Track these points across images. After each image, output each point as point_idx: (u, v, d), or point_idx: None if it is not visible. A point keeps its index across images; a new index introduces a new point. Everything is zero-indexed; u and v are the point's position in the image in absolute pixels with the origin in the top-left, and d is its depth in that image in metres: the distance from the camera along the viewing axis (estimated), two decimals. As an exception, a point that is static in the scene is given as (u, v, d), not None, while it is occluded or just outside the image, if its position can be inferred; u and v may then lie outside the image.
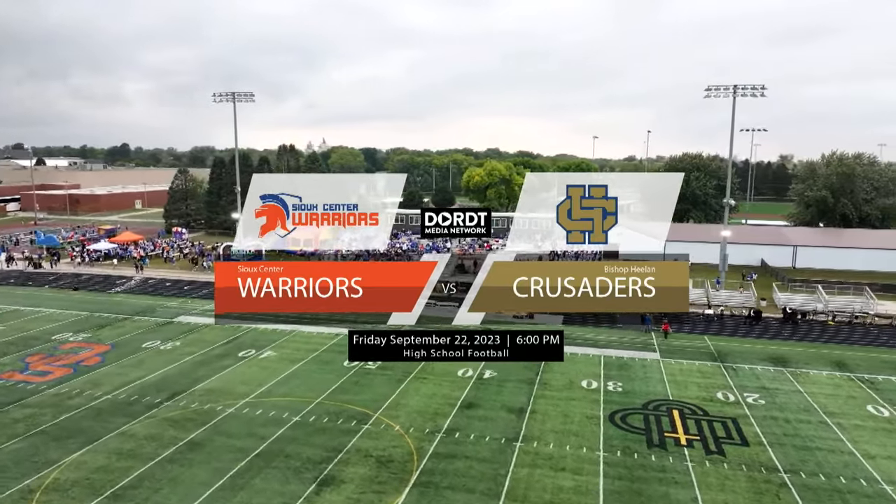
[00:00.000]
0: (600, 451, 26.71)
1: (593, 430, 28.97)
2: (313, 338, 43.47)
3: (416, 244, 65.69)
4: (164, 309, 51.34)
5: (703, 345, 43.13)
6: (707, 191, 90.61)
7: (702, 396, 33.33)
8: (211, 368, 36.73)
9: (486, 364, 37.91)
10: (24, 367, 36.68)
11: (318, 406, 31.28)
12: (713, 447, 27.20)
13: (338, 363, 38.03)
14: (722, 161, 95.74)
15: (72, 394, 32.49)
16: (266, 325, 46.17)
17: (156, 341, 42.10)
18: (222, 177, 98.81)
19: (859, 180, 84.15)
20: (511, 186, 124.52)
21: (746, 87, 55.74)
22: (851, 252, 70.43)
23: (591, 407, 31.68)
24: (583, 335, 45.15)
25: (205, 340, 42.54)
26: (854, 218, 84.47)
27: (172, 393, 32.77)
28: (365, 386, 34.19)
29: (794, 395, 33.71)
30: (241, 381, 34.62)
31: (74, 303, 53.18)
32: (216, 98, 69.33)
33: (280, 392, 33.10)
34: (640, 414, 30.90)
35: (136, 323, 47.01)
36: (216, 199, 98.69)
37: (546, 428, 29.06)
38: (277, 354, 39.64)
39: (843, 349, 42.29)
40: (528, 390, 33.85)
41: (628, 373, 37.07)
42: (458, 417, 30.06)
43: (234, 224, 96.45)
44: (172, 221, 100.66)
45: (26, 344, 41.09)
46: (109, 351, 39.86)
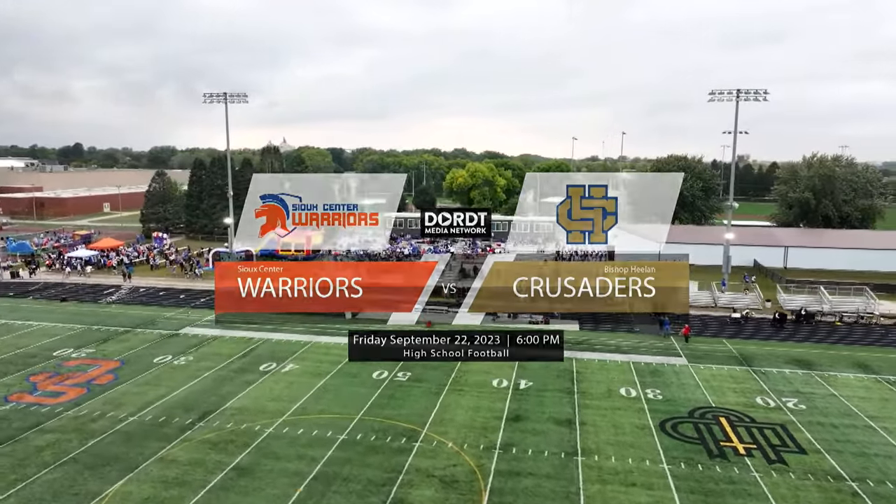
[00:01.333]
0: (663, 464, 26.29)
1: (648, 440, 28.56)
2: (332, 349, 42.07)
3: (417, 248, 64.57)
4: (165, 320, 49.05)
5: (725, 348, 43.34)
6: (695, 192, 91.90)
7: (743, 402, 33.32)
8: (235, 384, 35.03)
9: (520, 374, 37.34)
10: (31, 387, 34.32)
11: (361, 423, 30.05)
12: (773, 456, 27.07)
13: (365, 376, 36.79)
14: (705, 163, 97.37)
15: (93, 416, 30.46)
16: (279, 336, 44.59)
17: (166, 356, 40.06)
18: (203, 179, 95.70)
19: (839, 182, 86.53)
20: (494, 188, 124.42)
21: (749, 91, 56.49)
22: (839, 252, 72.26)
23: (639, 416, 31.30)
24: (604, 341, 44.97)
25: (219, 354, 40.69)
26: (835, 218, 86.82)
27: (202, 412, 31.05)
28: (402, 400, 33.08)
29: (830, 398, 34.01)
30: (272, 398, 33.08)
31: (67, 315, 50.37)
32: (207, 99, 66.85)
33: (316, 409, 31.72)
34: (689, 422, 30.64)
35: (139, 336, 44.73)
36: (197, 202, 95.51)
37: (601, 440, 28.51)
38: (300, 368, 38.14)
39: (860, 350, 43.08)
40: (569, 400, 33.29)
41: (662, 379, 36.88)
42: (508, 432, 29.26)
43: (216, 228, 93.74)
44: (150, 226, 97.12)
45: (26, 362, 38.55)
46: (120, 367, 37.70)
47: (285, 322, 48.88)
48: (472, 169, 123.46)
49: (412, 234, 67.87)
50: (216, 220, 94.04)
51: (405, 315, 50.40)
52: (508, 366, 38.92)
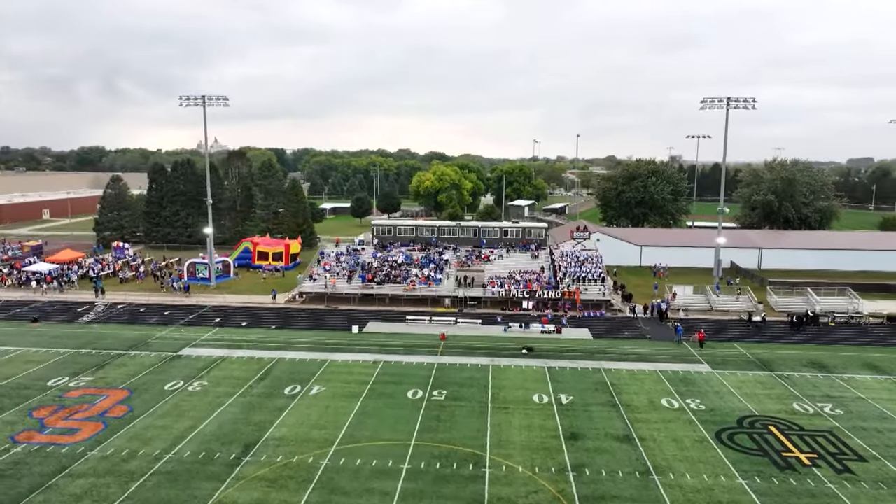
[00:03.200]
0: (739, 479, 26.22)
1: (713, 454, 28.50)
2: (353, 367, 40.25)
3: (409, 257, 62.95)
4: (158, 341, 45.78)
5: (739, 353, 44.21)
6: (664, 195, 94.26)
7: (782, 409, 33.90)
8: (266, 412, 32.85)
9: (556, 388, 36.82)
10: (38, 424, 31.05)
11: (418, 449, 28.67)
12: (838, 465, 27.50)
13: (400, 395, 35.35)
14: (673, 166, 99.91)
15: (122, 455, 27.77)
16: (290, 355, 42.38)
17: (176, 382, 37.25)
18: (164, 185, 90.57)
19: (799, 185, 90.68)
20: (461, 191, 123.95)
21: (738, 99, 58.11)
22: (810, 253, 75.66)
23: (692, 429, 31.27)
24: (624, 350, 44.98)
25: (234, 377, 38.17)
26: (795, 219, 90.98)
27: (244, 445, 28.87)
28: (449, 421, 31.84)
29: (859, 402, 35.08)
30: (313, 426, 31.16)
31: (45, 338, 46.27)
32: (183, 102, 63.00)
33: (364, 436, 30.07)
34: (742, 433, 30.84)
35: (136, 360, 41.51)
36: (158, 209, 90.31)
37: (668, 456, 28.24)
38: (328, 390, 36.22)
39: (864, 351, 44.85)
40: (617, 415, 32.95)
41: (696, 388, 37.15)
42: (573, 451, 28.56)
43: (180, 237, 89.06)
44: (105, 234, 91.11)
45: (20, 395, 34.96)
46: (130, 397, 34.73)
47: (291, 339, 46.63)
48: (439, 172, 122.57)
49: (402, 242, 66.19)
50: (180, 229, 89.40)
51: (412, 327, 49.38)
52: (541, 379, 38.38)
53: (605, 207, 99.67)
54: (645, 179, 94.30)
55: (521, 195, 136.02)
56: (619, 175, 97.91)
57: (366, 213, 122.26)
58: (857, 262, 73.82)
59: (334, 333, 48.47)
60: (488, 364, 41.19)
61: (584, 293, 56.75)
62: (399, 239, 67.03)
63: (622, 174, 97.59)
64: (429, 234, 67.03)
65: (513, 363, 41.39)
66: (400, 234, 67.34)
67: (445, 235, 66.86)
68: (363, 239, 70.38)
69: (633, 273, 72.23)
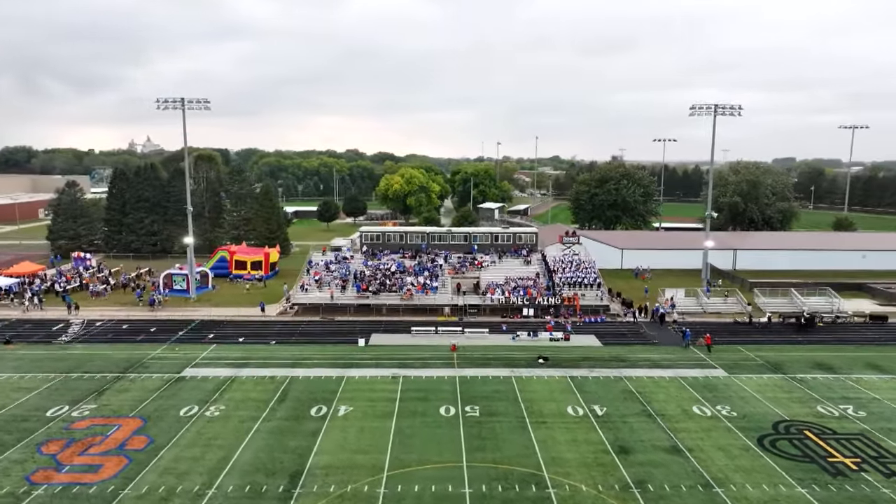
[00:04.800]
0: (797, 487, 26.56)
1: (763, 462, 28.81)
2: (373, 384, 38.88)
3: (401, 264, 61.64)
4: (155, 362, 43.03)
5: (746, 356, 45.23)
6: (636, 198, 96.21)
7: (809, 413, 34.76)
8: (300, 436, 31.18)
9: (585, 398, 36.63)
10: (52, 462, 28.40)
11: (473, 471, 27.77)
12: (884, 469, 28.27)
13: (432, 413, 34.33)
14: (644, 170, 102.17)
15: (160, 493, 25.67)
16: (302, 372, 40.62)
17: (191, 406, 34.99)
18: (126, 191, 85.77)
19: (762, 187, 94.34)
20: (429, 194, 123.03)
21: (725, 106, 59.73)
22: (781, 253, 78.72)
23: (733, 436, 31.57)
24: (638, 356, 45.25)
25: (251, 399, 36.17)
26: (759, 220, 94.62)
27: (289, 475, 27.25)
28: (493, 439, 31.06)
29: (876, 403, 36.37)
30: (355, 450, 29.76)
31: (25, 362, 42.74)
32: (161, 105, 59.54)
33: (412, 459, 28.92)
34: (783, 439, 31.37)
35: (137, 383, 38.81)
36: (119, 216, 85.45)
37: (721, 466, 28.36)
38: (357, 409, 34.76)
39: (862, 351, 46.65)
40: (655, 424, 32.97)
41: (720, 393, 37.66)
42: (628, 467, 28.29)
43: (144, 245, 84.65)
44: (60, 243, 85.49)
45: (21, 428, 31.99)
46: (146, 426, 32.32)
47: (297, 355, 44.75)
48: (407, 175, 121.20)
49: (391, 249, 64.77)
50: (144, 237, 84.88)
51: (418, 339, 48.24)
52: (568, 390, 38.11)
53: (578, 210, 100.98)
54: (617, 182, 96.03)
55: (487, 198, 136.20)
56: (591, 178, 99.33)
57: (333, 217, 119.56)
58: (824, 261, 77.25)
59: (341, 347, 46.81)
60: (509, 375, 40.62)
61: (582, 299, 56.99)
62: (388, 246, 65.61)
63: (595, 177, 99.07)
64: (418, 240, 65.89)
65: (534, 374, 40.97)
66: (389, 241, 65.91)
67: (436, 242, 65.89)
68: (347, 245, 68.58)
69: (615, 276, 73.09)
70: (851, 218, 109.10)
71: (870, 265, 77.13)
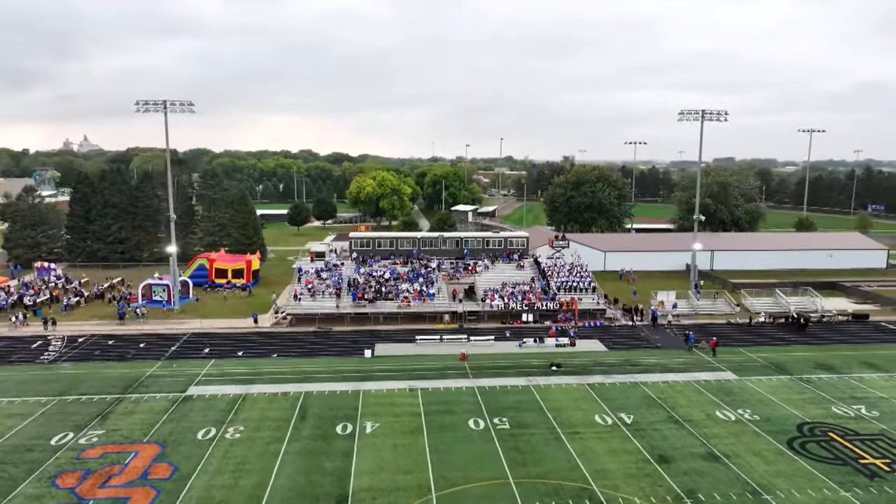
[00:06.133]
0: (841, 491, 27.10)
1: (799, 466, 29.33)
2: (393, 398, 37.88)
3: (395, 271, 60.50)
4: (154, 380, 40.80)
5: (749, 358, 46.28)
6: (611, 200, 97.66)
7: (826, 414, 35.74)
8: (333, 457, 29.98)
9: (608, 406, 36.69)
10: (72, 496, 26.37)
11: (522, 488, 27.27)
12: (913, 468, 29.28)
13: (462, 427, 33.67)
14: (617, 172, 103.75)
15: (201, 527, 24.19)
16: (315, 387, 39.30)
17: (208, 428, 33.22)
18: (91, 196, 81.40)
19: (731, 189, 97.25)
20: (401, 197, 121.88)
21: (712, 112, 61.12)
22: (755, 254, 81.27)
23: (763, 441, 32.07)
24: (647, 361, 45.64)
25: (270, 419, 34.63)
26: (728, 221, 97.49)
27: (335, 501, 26.11)
28: (531, 453, 30.63)
29: (885, 402, 37.67)
30: (395, 470, 28.81)
31: (10, 384, 39.76)
32: (140, 107, 56.58)
33: (457, 477, 28.17)
34: (811, 441, 32.08)
35: (141, 405, 36.65)
36: (84, 223, 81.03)
37: (762, 472, 28.72)
38: (384, 426, 33.73)
39: (856, 349, 48.36)
40: (685, 431, 33.22)
41: (737, 397, 38.33)
42: (673, 476, 28.32)
43: (111, 254, 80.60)
44: (17, 252, 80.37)
45: (27, 459, 29.65)
46: (165, 452, 30.46)
47: (305, 369, 43.27)
48: (379, 177, 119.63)
49: (381, 255, 63.51)
50: (112, 245, 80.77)
51: (424, 348, 47.35)
52: (589, 398, 38.07)
53: (554, 212, 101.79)
54: (593, 185, 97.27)
55: (458, 200, 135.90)
56: (567, 181, 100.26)
57: (304, 220, 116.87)
58: (794, 260, 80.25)
59: (347, 360, 45.54)
60: (527, 384, 40.30)
61: (579, 303, 57.25)
62: (378, 252, 64.37)
63: (571, 180, 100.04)
64: (409, 246, 64.91)
65: (551, 382, 40.76)
66: (379, 247, 64.67)
67: (426, 247, 65.05)
68: (327, 250, 67.08)
69: (600, 278, 73.43)
70: (811, 218, 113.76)
71: (836, 264, 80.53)
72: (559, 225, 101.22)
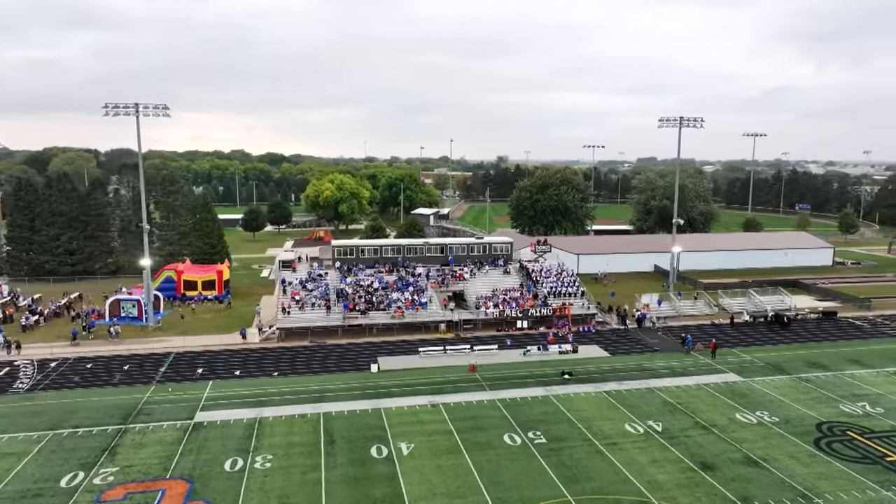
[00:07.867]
0: (882, 491, 28.21)
1: (836, 467, 30.34)
2: (418, 415, 36.77)
3: (382, 280, 58.93)
4: (155, 407, 37.93)
5: (746, 359, 47.84)
6: (575, 203, 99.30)
7: (837, 412, 37.33)
8: (378, 483, 28.67)
9: (632, 413, 36.99)
10: (108, 546, 23.98)
11: (584, 505, 26.99)
12: (936, 464, 30.95)
13: (498, 443, 33.07)
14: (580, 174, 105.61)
15: (266, 572, 22.46)
16: (331, 407, 37.67)
17: (233, 458, 31.11)
18: (35, 204, 75.16)
19: (687, 190, 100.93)
20: (360, 201, 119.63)
21: (689, 119, 63.03)
22: (715, 254, 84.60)
23: (791, 442, 33.07)
24: (652, 365, 46.34)
25: (295, 444, 32.81)
26: (685, 222, 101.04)
27: (399, 533, 24.93)
28: (577, 467, 30.38)
29: (884, 398, 39.74)
30: (446, 493, 27.85)
31: (-11, 418, 36.00)
32: (110, 110, 52.50)
33: (513, 497, 27.55)
34: (835, 441, 33.36)
35: (148, 435, 33.93)
36: (28, 233, 74.73)
37: (803, 475, 29.60)
38: (420, 446, 32.61)
39: (838, 347, 50.90)
40: (715, 437, 33.86)
41: (750, 399, 39.49)
42: (724, 484, 28.74)
43: (61, 266, 74.93)
44: (-50, 267, 73.34)
45: (38, 505, 26.78)
46: (196, 489, 28.22)
47: (313, 387, 41.39)
48: (337, 181, 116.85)
49: (365, 263, 61.76)
50: (62, 257, 74.94)
51: (429, 360, 46.33)
52: (611, 406, 38.28)
53: (519, 215, 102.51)
54: (558, 188, 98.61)
55: (415, 203, 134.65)
56: (532, 184, 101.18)
57: (260, 226, 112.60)
58: (752, 260, 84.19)
59: (354, 375, 43.91)
60: (546, 394, 40.10)
61: (571, 308, 57.67)
62: (362, 261, 62.63)
63: (536, 183, 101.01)
64: (394, 253, 63.50)
65: (569, 391, 40.72)
66: (362, 256, 62.93)
67: (410, 255, 63.84)
68: (294, 258, 64.95)
69: (576, 281, 75.07)
70: (759, 218, 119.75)
71: (790, 262, 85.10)
72: (524, 227, 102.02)
